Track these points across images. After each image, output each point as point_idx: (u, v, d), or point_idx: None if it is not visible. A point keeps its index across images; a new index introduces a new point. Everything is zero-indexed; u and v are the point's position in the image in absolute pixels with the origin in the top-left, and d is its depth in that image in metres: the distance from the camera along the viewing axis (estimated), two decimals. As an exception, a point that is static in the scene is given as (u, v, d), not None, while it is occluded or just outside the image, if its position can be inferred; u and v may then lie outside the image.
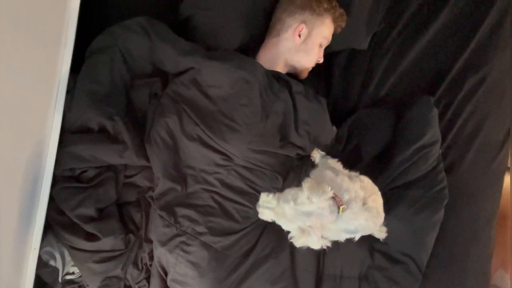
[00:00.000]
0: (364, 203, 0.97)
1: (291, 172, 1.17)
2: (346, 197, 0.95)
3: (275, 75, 1.19)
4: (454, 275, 1.23)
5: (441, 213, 1.17)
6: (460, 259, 1.24)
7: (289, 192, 0.92)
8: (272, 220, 0.96)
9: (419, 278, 1.17)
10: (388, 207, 1.17)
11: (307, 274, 1.15)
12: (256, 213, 1.11)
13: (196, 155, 1.10)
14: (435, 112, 1.21)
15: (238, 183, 1.10)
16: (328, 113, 1.24)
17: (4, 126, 0.85)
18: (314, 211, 0.89)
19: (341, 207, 0.92)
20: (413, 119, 1.21)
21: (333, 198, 0.92)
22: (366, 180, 1.04)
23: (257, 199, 1.09)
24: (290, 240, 0.93)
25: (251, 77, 1.10)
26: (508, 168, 1.36)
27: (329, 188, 0.90)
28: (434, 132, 1.19)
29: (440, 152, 1.24)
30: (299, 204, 0.89)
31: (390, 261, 1.17)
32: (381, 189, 1.18)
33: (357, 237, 1.01)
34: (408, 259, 1.17)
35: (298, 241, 0.91)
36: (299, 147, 1.16)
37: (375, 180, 1.12)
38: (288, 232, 1.12)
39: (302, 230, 0.90)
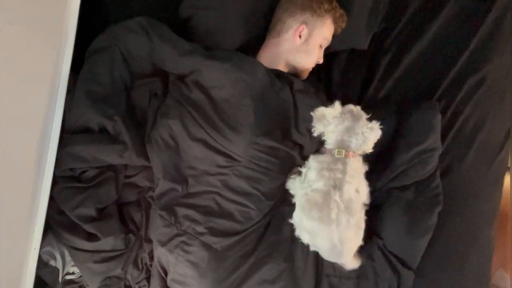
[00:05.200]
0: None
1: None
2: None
3: (276, 73, 1.19)
4: (454, 275, 1.23)
5: (434, 219, 1.17)
6: (460, 259, 1.24)
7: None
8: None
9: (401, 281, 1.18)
10: (383, 207, 1.18)
11: (307, 274, 1.15)
12: (258, 214, 1.11)
13: (199, 156, 1.10)
14: (439, 118, 1.21)
15: (241, 184, 1.10)
16: None
17: (4, 126, 0.85)
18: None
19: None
20: (417, 122, 1.21)
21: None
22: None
23: (259, 199, 1.10)
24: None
25: (251, 77, 1.10)
26: (508, 168, 1.36)
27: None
28: (436, 138, 1.19)
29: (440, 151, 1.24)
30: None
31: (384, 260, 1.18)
32: (379, 189, 1.19)
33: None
34: (395, 259, 1.17)
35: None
36: (299, 145, 1.17)
37: (374, 179, 1.13)
38: (288, 233, 1.13)
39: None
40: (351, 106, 1.05)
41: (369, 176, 1.09)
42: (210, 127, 1.07)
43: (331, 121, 1.03)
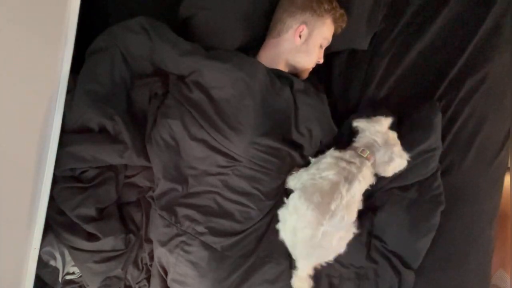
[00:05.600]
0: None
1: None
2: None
3: (277, 73, 1.20)
4: (454, 275, 1.23)
5: (437, 218, 1.17)
6: (460, 259, 1.23)
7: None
8: None
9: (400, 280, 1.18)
10: (385, 207, 1.18)
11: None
12: (258, 214, 1.11)
13: (199, 156, 1.10)
14: (440, 117, 1.21)
15: (241, 184, 1.10)
16: (329, 109, 1.24)
17: (4, 126, 0.85)
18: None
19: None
20: (418, 122, 1.21)
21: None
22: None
23: (259, 199, 1.10)
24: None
25: (251, 77, 1.10)
26: (508, 168, 1.36)
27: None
28: (437, 137, 1.19)
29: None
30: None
31: (382, 258, 1.18)
32: (379, 189, 1.19)
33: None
34: (397, 260, 1.17)
35: None
36: (299, 145, 1.17)
37: (375, 179, 1.13)
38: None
39: None
40: (395, 133, 1.08)
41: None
42: (211, 127, 1.07)
43: (376, 125, 1.05)
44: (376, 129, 1.06)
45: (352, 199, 1.01)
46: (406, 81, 1.35)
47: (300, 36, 1.19)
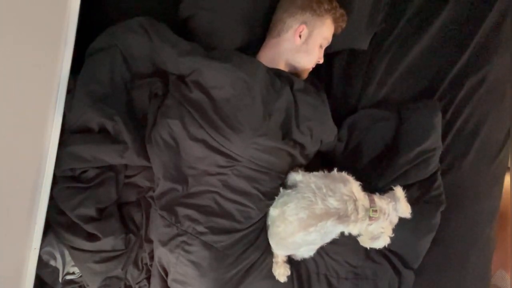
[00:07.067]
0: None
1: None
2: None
3: (277, 73, 1.20)
4: (454, 275, 1.23)
5: (437, 218, 1.17)
6: (460, 259, 1.24)
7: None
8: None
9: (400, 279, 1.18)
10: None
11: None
12: (258, 213, 1.12)
13: (199, 156, 1.10)
14: (440, 117, 1.21)
15: (241, 184, 1.10)
16: (329, 108, 1.25)
17: (5, 126, 0.85)
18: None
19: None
20: (418, 122, 1.22)
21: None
22: None
23: (259, 199, 1.10)
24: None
25: (251, 76, 1.10)
26: (508, 168, 1.36)
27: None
28: (437, 137, 1.20)
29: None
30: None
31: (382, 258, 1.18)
32: (380, 189, 1.19)
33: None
34: (397, 260, 1.17)
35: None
36: (300, 144, 1.17)
37: (376, 179, 1.13)
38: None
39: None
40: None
41: (370, 175, 1.09)
42: (210, 127, 1.07)
43: (402, 205, 1.04)
44: (398, 208, 1.03)
45: (331, 232, 1.02)
46: (406, 81, 1.36)
47: (300, 36, 1.19)
